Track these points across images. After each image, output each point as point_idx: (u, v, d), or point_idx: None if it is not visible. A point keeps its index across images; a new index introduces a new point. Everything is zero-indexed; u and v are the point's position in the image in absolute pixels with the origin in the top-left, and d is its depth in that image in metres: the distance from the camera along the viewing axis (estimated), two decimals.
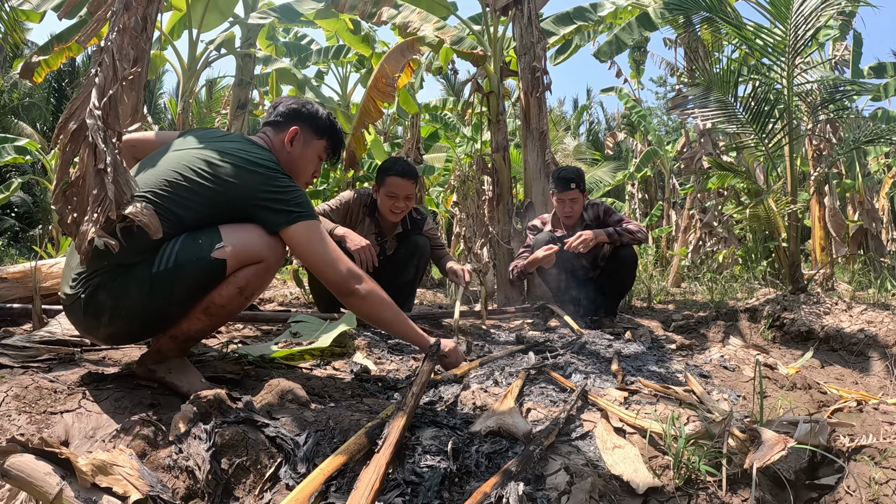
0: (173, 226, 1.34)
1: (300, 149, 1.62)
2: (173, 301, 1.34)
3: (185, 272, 1.31)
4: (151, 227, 1.24)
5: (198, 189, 1.36)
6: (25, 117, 17.11)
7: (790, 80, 3.42)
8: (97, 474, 0.85)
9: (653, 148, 10.85)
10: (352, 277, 1.47)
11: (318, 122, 1.64)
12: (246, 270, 1.36)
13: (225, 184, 1.38)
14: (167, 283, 1.30)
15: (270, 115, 1.64)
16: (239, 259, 1.34)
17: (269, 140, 1.60)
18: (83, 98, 1.32)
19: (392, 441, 1.01)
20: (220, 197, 1.38)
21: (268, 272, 1.40)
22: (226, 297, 1.36)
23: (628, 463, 1.10)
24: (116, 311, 1.32)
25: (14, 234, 15.79)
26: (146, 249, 1.32)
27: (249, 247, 1.35)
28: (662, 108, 21.58)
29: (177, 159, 1.41)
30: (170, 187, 1.35)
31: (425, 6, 4.74)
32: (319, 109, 1.67)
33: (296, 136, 1.60)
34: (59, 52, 5.21)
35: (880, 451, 1.19)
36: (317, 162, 1.68)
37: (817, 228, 7.10)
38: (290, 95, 1.74)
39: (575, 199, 3.01)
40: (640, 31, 5.27)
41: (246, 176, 1.39)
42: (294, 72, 6.12)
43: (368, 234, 2.86)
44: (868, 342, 2.59)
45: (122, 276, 1.31)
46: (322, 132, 1.65)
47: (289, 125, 1.61)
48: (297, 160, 1.62)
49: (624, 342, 2.44)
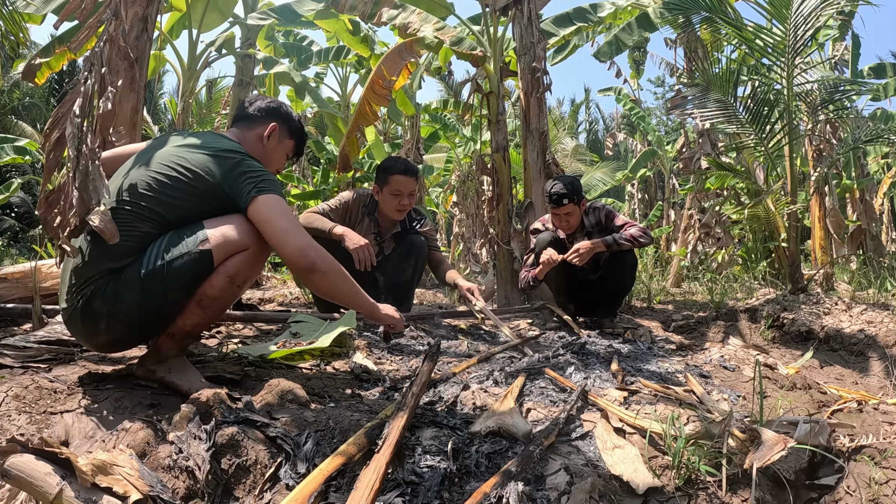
0: (158, 225, 1.37)
1: (275, 144, 1.68)
2: (167, 299, 1.35)
3: (174, 268, 1.32)
4: (107, 232, 1.26)
5: (175, 185, 1.39)
6: (26, 117, 17.12)
7: (790, 80, 3.42)
8: (97, 474, 0.85)
9: (651, 148, 10.86)
10: (310, 249, 1.41)
11: (292, 124, 1.73)
12: (234, 259, 1.37)
13: (197, 175, 1.41)
14: (158, 281, 1.32)
15: (244, 111, 1.69)
16: (224, 248, 1.35)
17: (240, 135, 1.65)
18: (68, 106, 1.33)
19: (392, 441, 1.01)
20: (196, 189, 1.40)
21: (256, 258, 1.41)
22: (217, 288, 1.36)
23: (628, 463, 1.10)
24: (113, 317, 1.33)
25: (14, 234, 15.79)
26: (132, 251, 1.34)
27: (232, 235, 1.36)
28: (661, 109, 21.61)
29: (153, 161, 1.43)
30: (149, 189, 1.38)
31: (425, 7, 4.74)
32: (292, 111, 1.75)
33: (273, 131, 1.66)
34: (61, 54, 5.20)
35: (880, 451, 1.19)
36: (285, 159, 1.75)
37: (817, 228, 7.09)
38: (264, 96, 1.77)
39: (570, 213, 2.95)
40: (639, 32, 5.27)
41: (216, 162, 1.43)
42: (293, 74, 6.12)
43: (367, 234, 2.87)
44: (868, 342, 2.59)
45: (114, 282, 1.32)
46: (293, 133, 1.73)
47: (267, 121, 1.66)
48: (270, 154, 1.67)
49: (624, 342, 2.44)
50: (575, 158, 16.10)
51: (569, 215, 2.94)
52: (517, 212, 4.42)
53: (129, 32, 2.61)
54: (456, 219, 10.19)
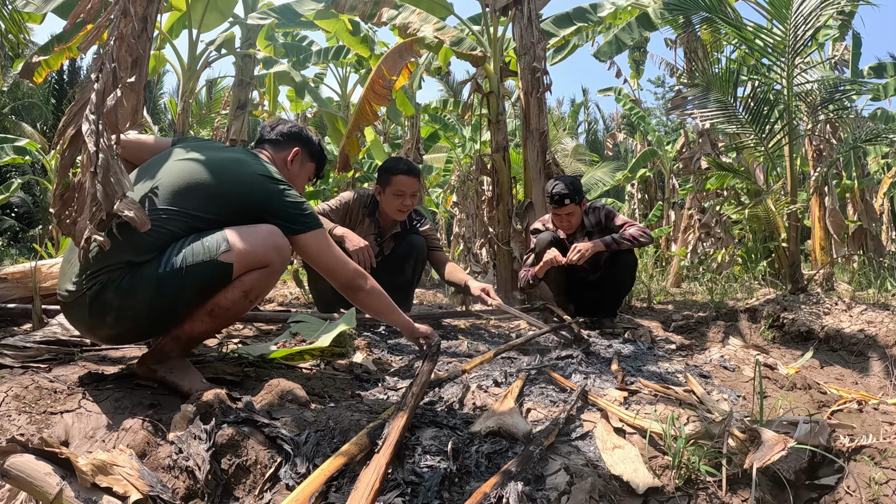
0: (184, 227, 1.37)
1: (298, 168, 1.75)
2: (179, 302, 1.35)
3: (192, 274, 1.31)
4: (137, 220, 1.25)
5: (213, 195, 1.41)
6: (26, 117, 17.11)
7: (790, 80, 3.42)
8: (97, 474, 0.85)
9: (651, 148, 10.85)
10: (358, 276, 1.63)
11: (313, 148, 1.79)
12: (252, 274, 1.38)
13: (242, 192, 1.45)
14: (173, 284, 1.31)
15: (269, 134, 1.75)
16: (245, 263, 1.36)
17: (270, 157, 1.70)
18: (82, 104, 1.33)
19: (392, 441, 1.01)
20: (235, 204, 1.43)
21: (272, 276, 1.43)
22: (231, 301, 1.37)
23: (628, 463, 1.10)
24: (123, 311, 1.32)
25: (14, 234, 15.79)
26: (154, 248, 1.33)
27: (256, 251, 1.37)
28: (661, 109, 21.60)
29: (189, 166, 1.44)
30: (182, 194, 1.39)
31: (425, 7, 4.74)
32: (313, 136, 1.82)
33: (297, 156, 1.73)
34: (60, 53, 5.20)
35: (880, 451, 1.19)
36: (307, 182, 1.83)
37: (817, 228, 7.10)
38: (286, 119, 1.83)
39: (572, 213, 2.95)
40: (639, 32, 5.27)
41: (262, 185, 1.48)
42: (293, 74, 6.11)
43: (368, 234, 2.87)
44: (868, 342, 2.59)
45: (131, 276, 1.31)
46: (314, 157, 1.80)
47: (290, 146, 1.73)
48: (294, 178, 1.74)
49: (624, 342, 2.44)
50: (575, 158, 16.11)
51: (570, 215, 2.95)
52: (517, 212, 4.41)
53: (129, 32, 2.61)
54: (456, 219, 10.18)
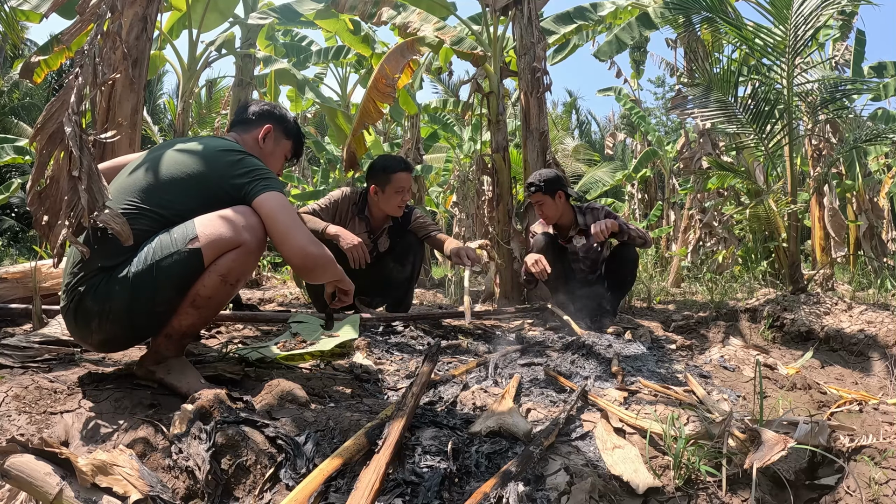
0: (155, 223, 1.37)
1: (271, 146, 1.71)
2: (158, 299, 1.33)
3: (163, 268, 1.30)
4: (123, 234, 1.25)
5: (175, 183, 1.40)
6: (25, 117, 17.10)
7: (790, 80, 3.42)
8: (97, 474, 0.85)
9: (651, 148, 10.84)
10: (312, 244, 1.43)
11: (288, 125, 1.75)
12: (226, 257, 1.35)
13: (198, 173, 1.42)
14: (147, 281, 1.30)
15: (240, 117, 1.72)
16: (215, 247, 1.33)
17: (238, 138, 1.68)
18: (62, 101, 1.32)
19: (392, 441, 1.01)
20: (196, 188, 1.41)
21: (248, 255, 1.38)
22: (210, 288, 1.35)
23: (628, 463, 1.10)
24: (104, 316, 1.32)
25: (14, 234, 15.78)
26: (126, 250, 1.32)
27: (223, 233, 1.34)
28: (661, 109, 21.58)
29: (154, 162, 1.44)
30: (148, 189, 1.39)
31: (425, 6, 4.74)
32: (288, 113, 1.77)
33: (268, 133, 1.69)
34: (59, 53, 5.19)
35: (880, 451, 1.19)
36: (283, 161, 1.77)
37: (817, 228, 7.09)
38: (256, 100, 1.81)
39: (541, 203, 3.02)
40: (639, 31, 5.27)
41: (217, 160, 1.45)
42: (293, 72, 6.11)
43: (360, 232, 2.87)
44: (868, 342, 2.59)
45: (105, 280, 1.32)
46: (289, 134, 1.75)
47: (261, 123, 1.69)
48: (267, 157, 1.70)
49: (624, 342, 2.43)
50: (575, 158, 16.10)
51: (540, 205, 3.04)
52: (517, 212, 4.41)
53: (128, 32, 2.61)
54: (456, 219, 10.18)
